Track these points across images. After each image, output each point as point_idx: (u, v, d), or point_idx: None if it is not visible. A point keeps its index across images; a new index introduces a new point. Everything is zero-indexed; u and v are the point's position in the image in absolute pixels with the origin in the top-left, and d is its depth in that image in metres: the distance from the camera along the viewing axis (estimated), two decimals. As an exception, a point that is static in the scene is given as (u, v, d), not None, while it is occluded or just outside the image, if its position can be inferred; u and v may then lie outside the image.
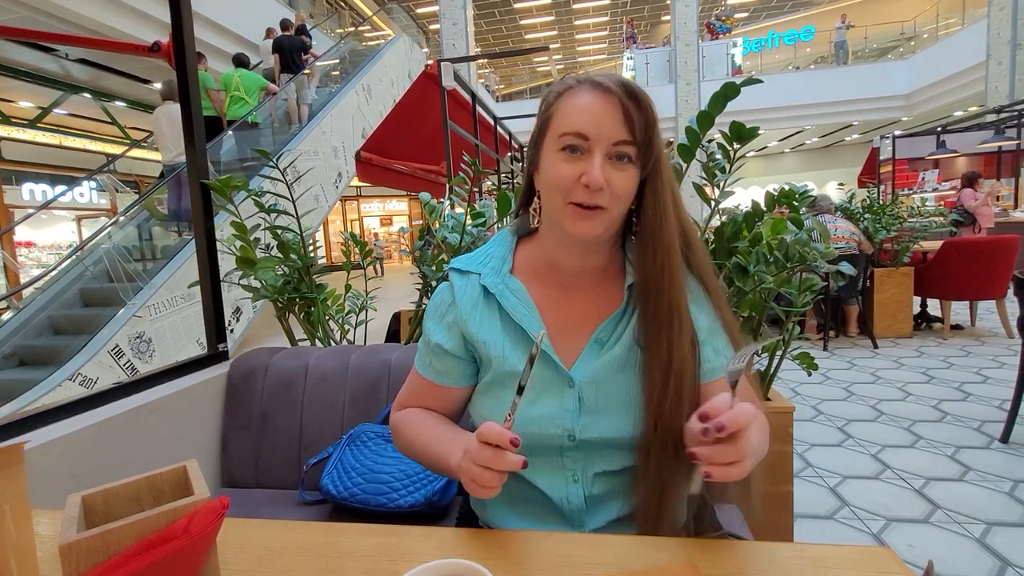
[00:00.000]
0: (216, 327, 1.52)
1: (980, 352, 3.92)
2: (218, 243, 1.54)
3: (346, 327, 1.68)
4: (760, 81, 1.25)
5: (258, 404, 1.38)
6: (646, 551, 0.57)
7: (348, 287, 1.72)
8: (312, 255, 1.55)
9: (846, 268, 1.22)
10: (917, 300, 4.63)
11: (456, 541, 0.62)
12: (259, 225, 1.58)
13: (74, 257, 5.38)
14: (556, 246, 0.74)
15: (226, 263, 1.55)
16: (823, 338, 4.33)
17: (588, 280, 0.76)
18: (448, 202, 1.66)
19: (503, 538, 0.61)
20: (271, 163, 1.50)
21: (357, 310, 1.68)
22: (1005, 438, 2.43)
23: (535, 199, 0.75)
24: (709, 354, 0.71)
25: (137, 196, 6.50)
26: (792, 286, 1.43)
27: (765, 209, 1.39)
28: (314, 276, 1.57)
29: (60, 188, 9.93)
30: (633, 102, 0.66)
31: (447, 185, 1.82)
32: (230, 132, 6.13)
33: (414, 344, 1.47)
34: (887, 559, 0.54)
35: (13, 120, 9.18)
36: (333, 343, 1.66)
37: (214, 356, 1.50)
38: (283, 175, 1.52)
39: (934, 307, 4.72)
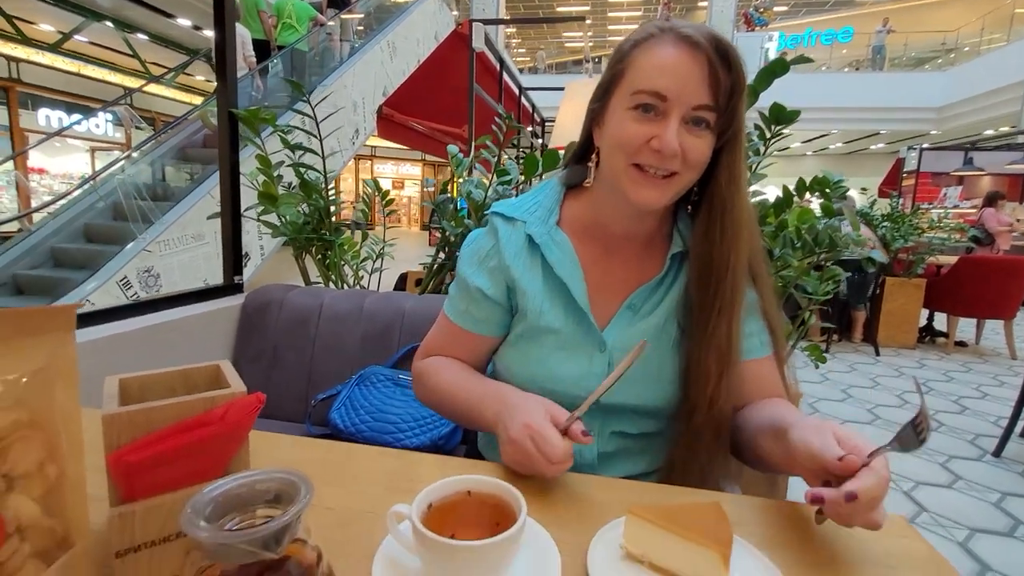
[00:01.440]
0: (233, 259, 1.53)
1: (981, 370, 3.91)
2: (241, 176, 1.53)
3: (361, 274, 1.68)
4: (811, 60, 1.22)
5: (270, 337, 1.39)
6: (662, 497, 0.58)
7: (365, 235, 1.72)
8: (334, 197, 1.54)
9: (877, 256, 1.20)
10: (924, 313, 4.60)
11: (473, 470, 0.62)
12: (283, 162, 1.57)
13: (87, 186, 5.36)
14: (607, 207, 0.71)
15: (247, 199, 1.54)
16: (826, 340, 4.33)
17: (632, 244, 0.73)
18: (471, 161, 1.64)
19: (518, 473, 0.62)
20: (303, 97, 1.47)
21: (374, 257, 1.68)
22: (998, 452, 2.45)
23: (593, 155, 0.71)
24: (753, 329, 0.70)
25: (153, 133, 6.44)
26: (812, 278, 1.43)
27: (796, 195, 1.38)
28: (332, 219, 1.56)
29: (76, 117, 9.85)
30: (723, 61, 0.59)
31: (471, 143, 1.79)
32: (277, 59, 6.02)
33: (429, 295, 1.47)
34: (900, 525, 0.55)
35: (33, 42, 9.05)
36: (347, 288, 1.66)
37: (230, 287, 1.51)
38: (313, 110, 1.50)
39: (940, 322, 4.70)
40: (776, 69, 1.20)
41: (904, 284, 4.30)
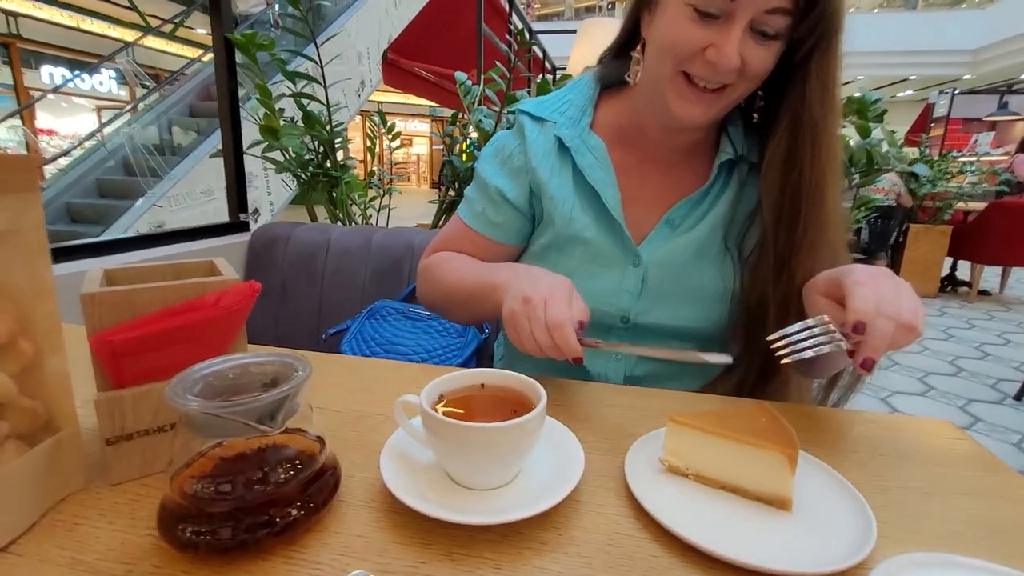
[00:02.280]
0: (238, 196, 1.48)
1: (1005, 317, 3.82)
2: (241, 111, 1.47)
3: (369, 212, 1.63)
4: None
5: (278, 273, 1.36)
6: (694, 404, 0.54)
7: (372, 172, 1.66)
8: (339, 130, 1.47)
9: (920, 169, 1.12)
10: (948, 263, 4.47)
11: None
12: (284, 94, 1.49)
13: (95, 140, 5.31)
14: (647, 113, 0.63)
15: (250, 140, 1.48)
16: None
17: (673, 152, 0.66)
18: (480, 89, 1.55)
19: (543, 381, 0.59)
20: (299, 15, 1.38)
21: (381, 194, 1.62)
22: (1020, 396, 2.40)
23: (638, 48, 0.62)
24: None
25: (155, 86, 6.30)
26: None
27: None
28: (338, 154, 1.50)
29: (79, 72, 9.68)
30: None
31: (480, 76, 1.70)
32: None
33: (439, 230, 1.43)
34: (948, 428, 0.51)
35: (30, -6, 8.79)
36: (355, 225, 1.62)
37: (236, 225, 1.47)
38: (316, 47, 1.41)
39: (963, 272, 4.56)
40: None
41: (929, 231, 4.15)
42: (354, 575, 0.27)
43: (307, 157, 1.50)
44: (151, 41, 10.16)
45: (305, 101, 1.48)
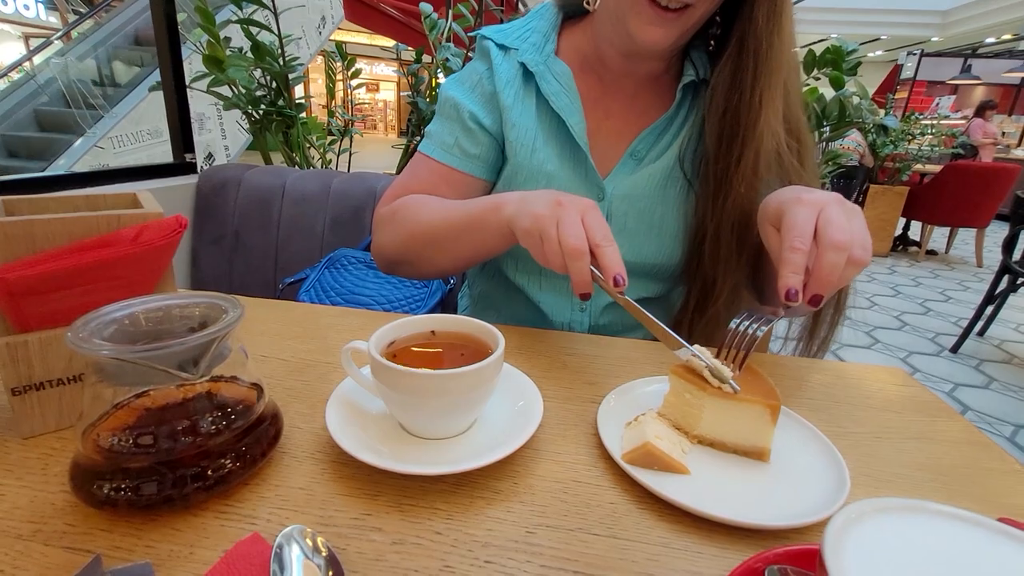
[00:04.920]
0: (182, 135, 1.37)
1: (948, 276, 4.02)
2: (182, 40, 1.33)
3: (329, 156, 1.54)
4: None
5: (230, 220, 1.28)
6: (653, 353, 0.53)
7: (331, 112, 1.55)
8: (292, 63, 1.36)
9: (891, 122, 1.12)
10: (901, 223, 4.63)
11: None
12: (229, 21, 1.36)
13: (24, 71, 4.83)
14: (609, 41, 0.60)
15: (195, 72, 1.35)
16: (804, 248, 4.36)
17: (638, 83, 0.63)
18: (448, 25, 1.45)
19: (503, 330, 0.57)
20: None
21: (340, 135, 1.53)
22: (955, 349, 2.56)
23: None
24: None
25: (89, 10, 5.70)
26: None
27: (803, 71, 1.26)
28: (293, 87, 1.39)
29: (-1, -6, 8.67)
30: None
31: (448, 11, 1.58)
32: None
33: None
34: (901, 376, 0.52)
35: None
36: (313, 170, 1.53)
37: (181, 166, 1.37)
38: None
39: (914, 232, 4.76)
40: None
41: (886, 192, 4.27)
42: (289, 530, 0.25)
43: (259, 93, 1.39)
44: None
45: (254, 30, 1.35)
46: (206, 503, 0.29)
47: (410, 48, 1.64)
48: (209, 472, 0.29)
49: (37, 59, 4.91)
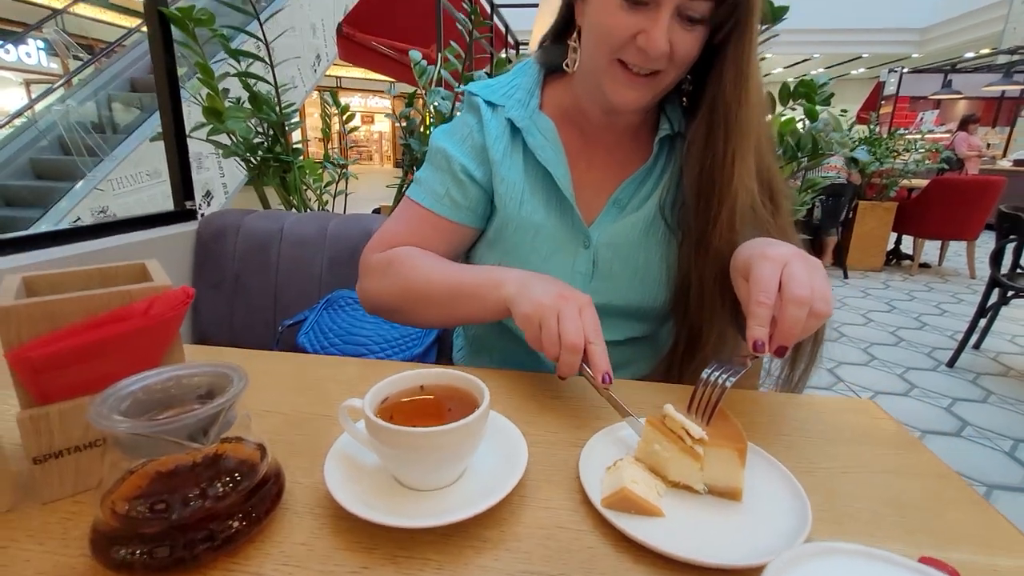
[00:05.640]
0: (183, 183, 1.42)
1: (942, 289, 4.06)
2: (182, 91, 1.39)
3: (325, 198, 1.58)
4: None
5: (230, 264, 1.32)
6: (636, 393, 0.56)
7: (327, 155, 1.61)
8: (288, 111, 1.42)
9: (860, 154, 1.17)
10: (893, 237, 4.70)
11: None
12: (227, 73, 1.42)
13: (24, 117, 4.94)
14: (588, 99, 0.64)
15: (195, 121, 1.41)
16: (798, 266, 4.41)
17: (618, 135, 0.67)
18: (437, 70, 1.51)
19: (490, 375, 0.60)
20: (252, 13, 1.31)
21: (336, 179, 1.58)
22: (952, 363, 2.58)
23: (574, 36, 0.63)
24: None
25: (90, 58, 5.86)
26: (792, 189, 1.39)
27: (780, 103, 1.31)
28: (290, 134, 1.44)
29: (2, 43, 8.92)
30: None
31: (438, 55, 1.65)
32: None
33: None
34: (872, 408, 0.54)
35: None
36: (310, 212, 1.58)
37: (182, 213, 1.41)
38: (260, 22, 1.34)
39: (907, 246, 4.81)
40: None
41: (875, 207, 4.34)
42: (292, 588, 0.28)
43: (256, 140, 1.44)
44: (82, 8, 9.42)
45: (251, 81, 1.42)
46: (215, 562, 0.32)
47: (400, 92, 1.70)
48: (217, 533, 0.32)
49: (39, 105, 5.02)
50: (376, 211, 2.45)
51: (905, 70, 8.05)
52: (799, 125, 1.29)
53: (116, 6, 10.20)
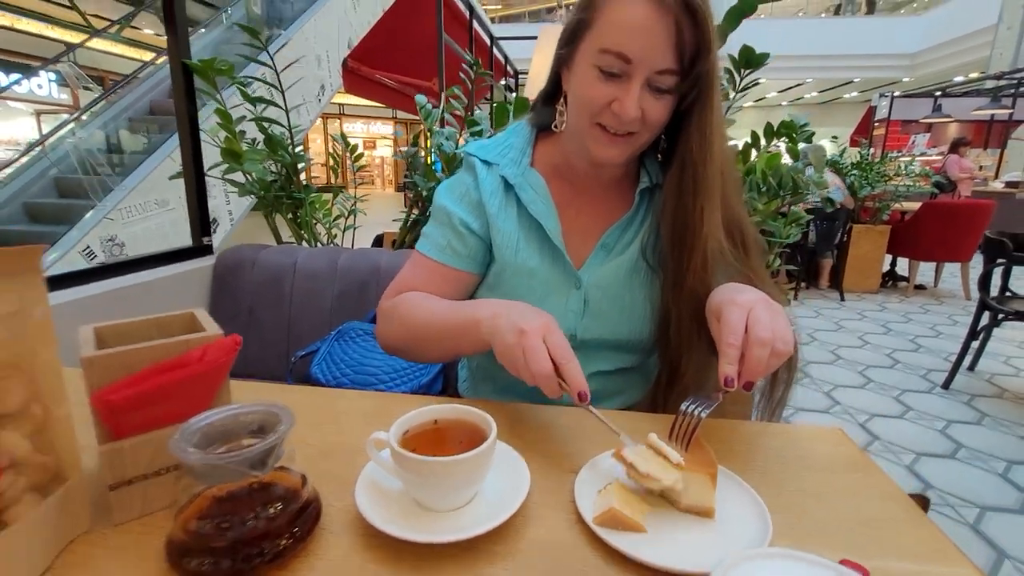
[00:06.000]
0: (200, 220, 1.50)
1: (938, 311, 4.12)
2: (201, 133, 1.48)
3: (334, 231, 1.66)
4: None
5: (245, 298, 1.39)
6: (634, 422, 0.62)
7: (336, 191, 1.69)
8: (301, 153, 1.50)
9: (835, 195, 1.25)
10: (888, 259, 4.78)
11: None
12: (244, 116, 1.51)
13: (38, 151, 5.08)
14: (575, 155, 0.73)
15: (210, 158, 1.49)
16: (794, 288, 4.48)
17: (601, 185, 0.75)
18: (441, 112, 1.61)
19: (495, 407, 0.66)
20: (259, 44, 1.41)
21: (346, 213, 1.66)
22: (946, 385, 2.62)
23: (561, 100, 0.71)
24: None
25: (102, 92, 6.06)
26: (778, 222, 1.47)
27: (764, 140, 1.40)
28: (301, 176, 1.53)
29: (15, 77, 9.17)
30: (691, 20, 0.58)
31: (441, 94, 1.76)
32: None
33: (404, 250, 1.48)
34: (839, 436, 0.60)
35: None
36: (320, 246, 1.65)
37: (199, 249, 1.48)
38: (272, 61, 1.44)
39: (903, 267, 4.89)
40: (745, 8, 1.20)
41: (869, 231, 4.43)
42: (337, 593, 0.34)
43: (270, 179, 1.52)
44: (93, 42, 9.71)
45: (266, 124, 1.51)
46: (267, 574, 0.38)
47: (403, 111, 1.79)
48: (269, 550, 0.38)
49: (50, 134, 5.17)
50: (377, 241, 2.53)
51: (896, 93, 8.25)
52: (784, 163, 1.37)
53: (125, 39, 10.52)
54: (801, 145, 1.27)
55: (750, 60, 1.35)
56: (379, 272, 1.36)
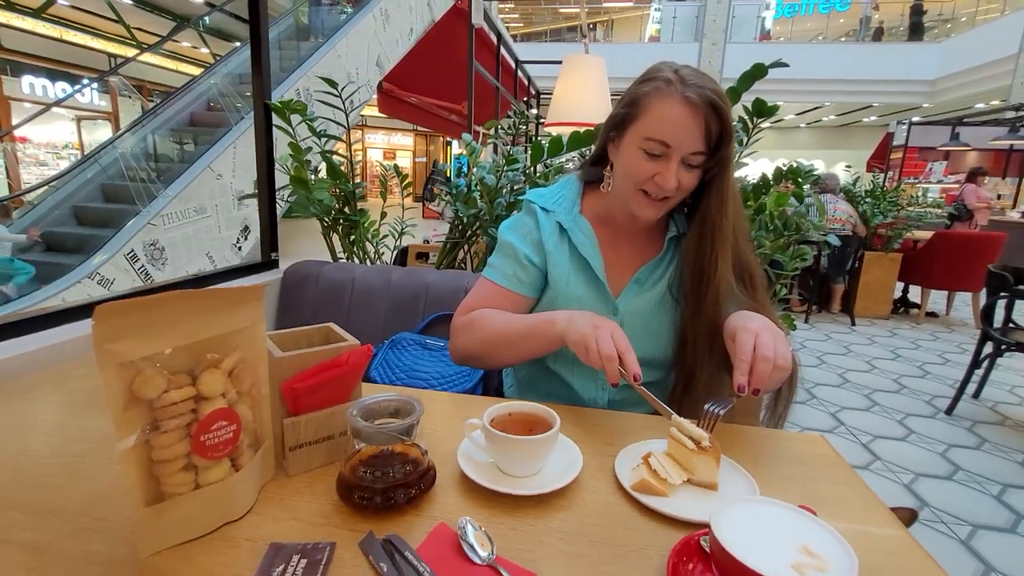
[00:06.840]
0: (271, 238, 1.70)
1: (947, 338, 4.20)
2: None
3: (381, 249, 1.85)
4: (786, 65, 1.38)
5: (309, 308, 1.58)
6: (659, 422, 0.79)
7: (384, 213, 1.89)
8: (359, 182, 1.70)
9: (833, 239, 1.41)
10: (900, 286, 4.87)
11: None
12: (311, 148, 1.72)
13: (90, 160, 5.39)
14: (618, 210, 0.90)
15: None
16: (806, 311, 4.58)
17: (639, 232, 0.93)
18: (487, 146, 1.80)
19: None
20: (335, 92, 1.62)
21: (397, 234, 1.85)
22: (950, 410, 2.72)
23: (608, 167, 0.89)
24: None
25: (153, 106, 6.39)
26: (786, 255, 1.63)
27: (772, 182, 1.57)
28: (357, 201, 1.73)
29: (61, 85, 9.66)
30: (716, 117, 0.75)
31: (475, 128, 1.95)
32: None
33: (447, 270, 1.66)
34: (818, 441, 0.76)
35: (17, 7, 8.82)
36: (369, 262, 1.84)
37: (267, 264, 1.68)
38: (343, 104, 1.65)
39: (915, 295, 4.97)
40: (756, 73, 1.37)
41: (881, 258, 4.54)
42: (462, 519, 0.51)
43: (333, 204, 1.72)
44: (133, 52, 10.19)
45: (329, 154, 1.71)
46: (406, 509, 0.55)
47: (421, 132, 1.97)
48: (404, 496, 0.55)
49: (90, 142, 5.48)
50: (403, 249, 2.70)
51: (915, 119, 8.32)
52: (791, 204, 1.53)
53: (167, 52, 11.01)
54: (817, 171, 1.43)
55: (762, 111, 1.53)
56: (427, 289, 1.54)
